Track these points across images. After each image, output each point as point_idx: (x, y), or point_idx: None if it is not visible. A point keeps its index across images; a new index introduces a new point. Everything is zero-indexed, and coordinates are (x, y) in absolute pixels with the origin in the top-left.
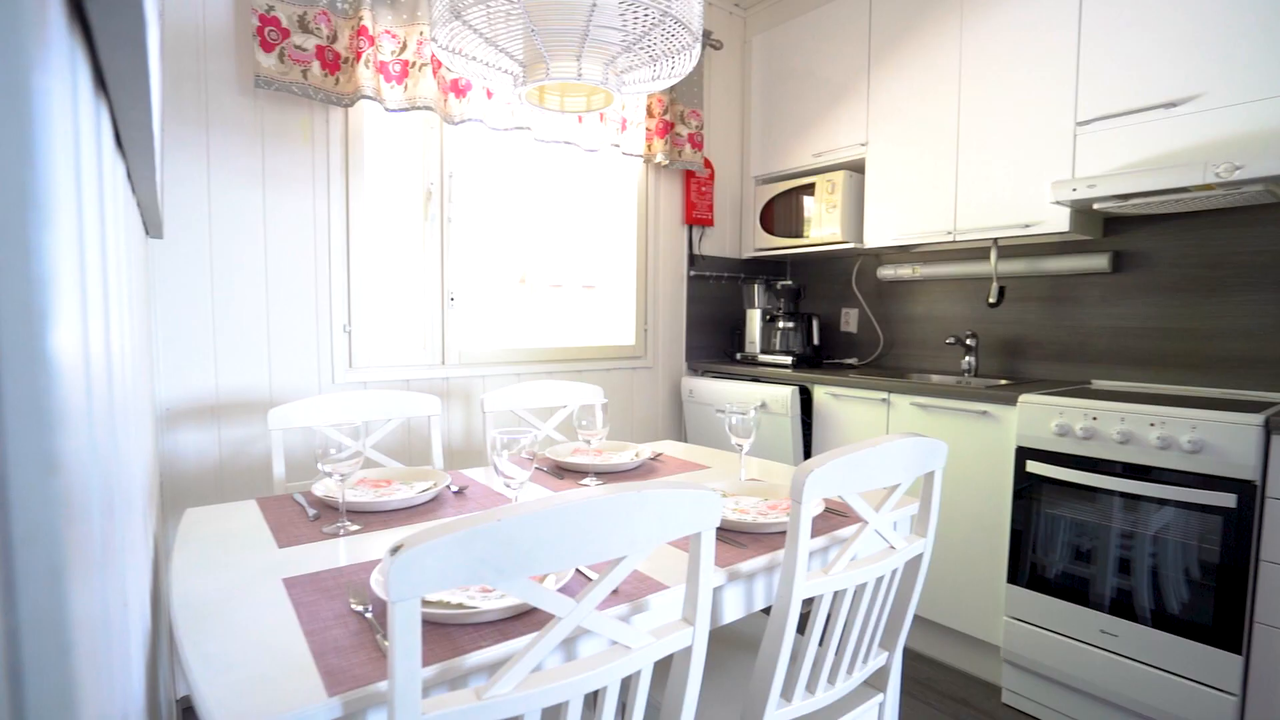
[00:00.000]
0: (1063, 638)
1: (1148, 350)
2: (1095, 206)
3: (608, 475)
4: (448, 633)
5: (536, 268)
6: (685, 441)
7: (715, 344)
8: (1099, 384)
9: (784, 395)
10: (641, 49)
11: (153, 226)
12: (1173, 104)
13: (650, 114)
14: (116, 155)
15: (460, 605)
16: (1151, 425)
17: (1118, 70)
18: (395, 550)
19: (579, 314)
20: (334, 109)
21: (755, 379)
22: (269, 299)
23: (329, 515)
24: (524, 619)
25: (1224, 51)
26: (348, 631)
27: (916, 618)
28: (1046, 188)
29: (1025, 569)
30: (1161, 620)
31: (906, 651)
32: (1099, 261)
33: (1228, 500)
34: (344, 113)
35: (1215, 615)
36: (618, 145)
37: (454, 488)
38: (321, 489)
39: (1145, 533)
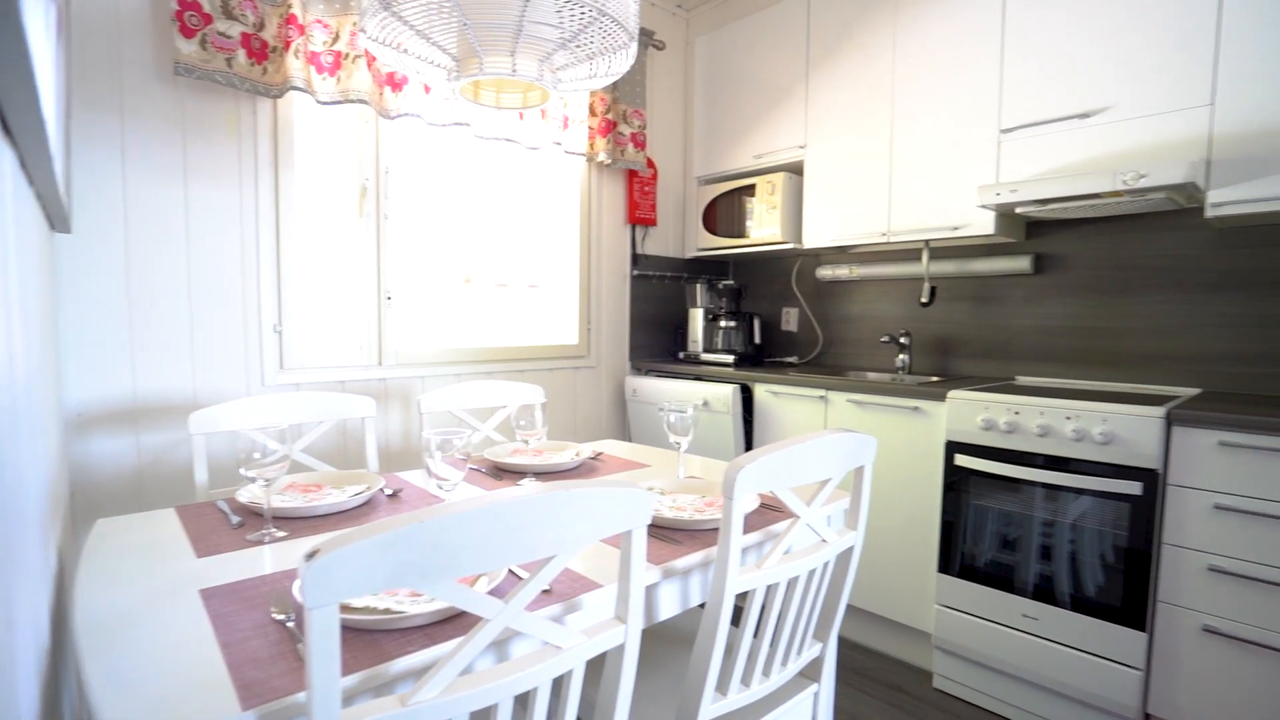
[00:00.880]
0: (989, 623)
1: (1067, 347)
2: (1017, 210)
3: (547, 475)
4: (374, 639)
5: (481, 267)
6: (629, 441)
7: (659, 343)
8: (1023, 380)
9: (725, 394)
10: (578, 46)
11: (58, 220)
12: (1086, 115)
13: (593, 113)
14: (2, 141)
15: (387, 610)
16: (1067, 419)
17: (1037, 81)
18: (311, 556)
19: (524, 314)
20: (262, 100)
21: (698, 378)
22: (192, 298)
23: (254, 522)
24: (454, 622)
25: (1130, 68)
26: (268, 642)
27: (853, 608)
28: (973, 192)
29: (954, 558)
30: (1076, 603)
31: (843, 641)
32: (1022, 263)
33: (1134, 488)
34: (273, 104)
35: (1123, 596)
36: (560, 143)
37: (388, 491)
38: (247, 495)
39: (1064, 521)
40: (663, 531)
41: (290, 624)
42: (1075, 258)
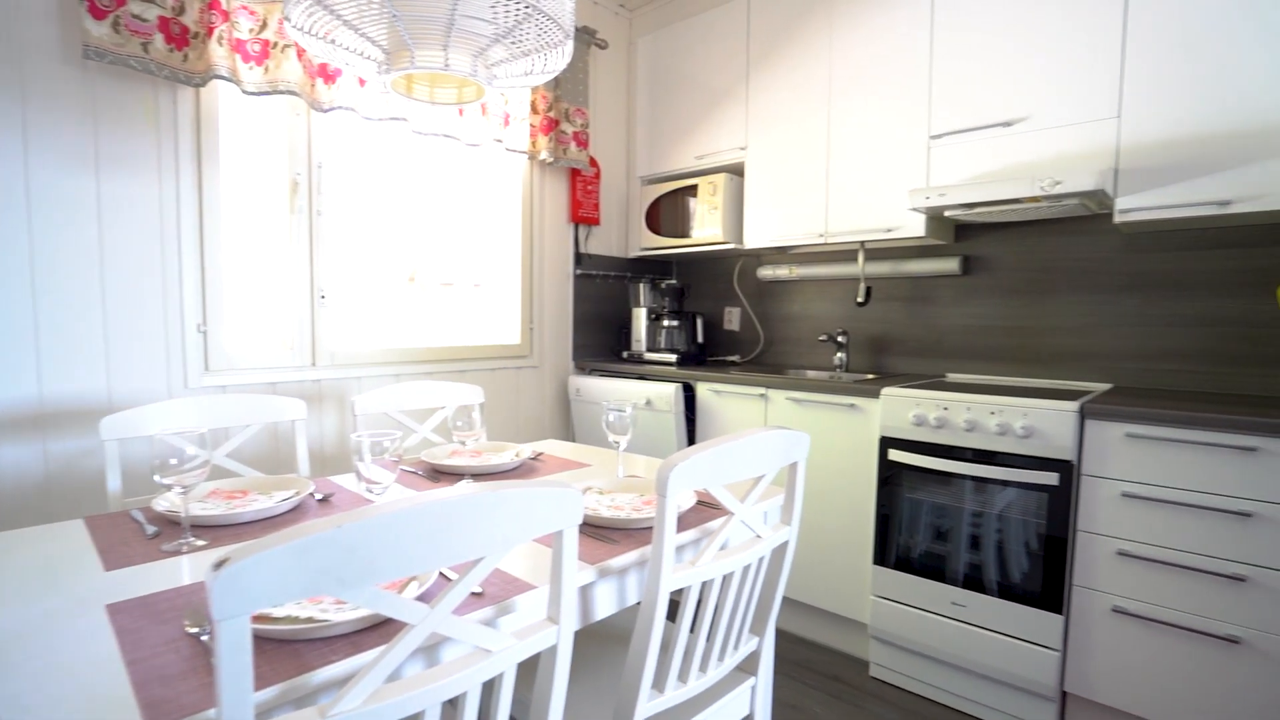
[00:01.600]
0: (921, 612)
1: (993, 345)
2: (946, 214)
3: (485, 477)
4: (295, 649)
5: (425, 266)
6: (573, 441)
7: (602, 342)
8: (954, 377)
9: (668, 393)
10: (513, 43)
11: None
12: (1008, 124)
13: (534, 110)
14: None
15: (310, 619)
16: (992, 414)
17: (963, 90)
18: (219, 565)
19: (468, 313)
20: (183, 89)
21: (641, 377)
22: (106, 296)
23: (172, 532)
24: (381, 629)
25: (1046, 80)
26: (179, 658)
27: (792, 602)
28: (905, 195)
29: (889, 550)
30: (1001, 590)
31: (783, 634)
32: (951, 265)
33: (1052, 479)
34: (195, 93)
35: (1043, 581)
36: (500, 140)
37: (319, 495)
38: (165, 504)
39: (991, 512)
40: (599, 531)
41: (205, 638)
42: (1000, 260)
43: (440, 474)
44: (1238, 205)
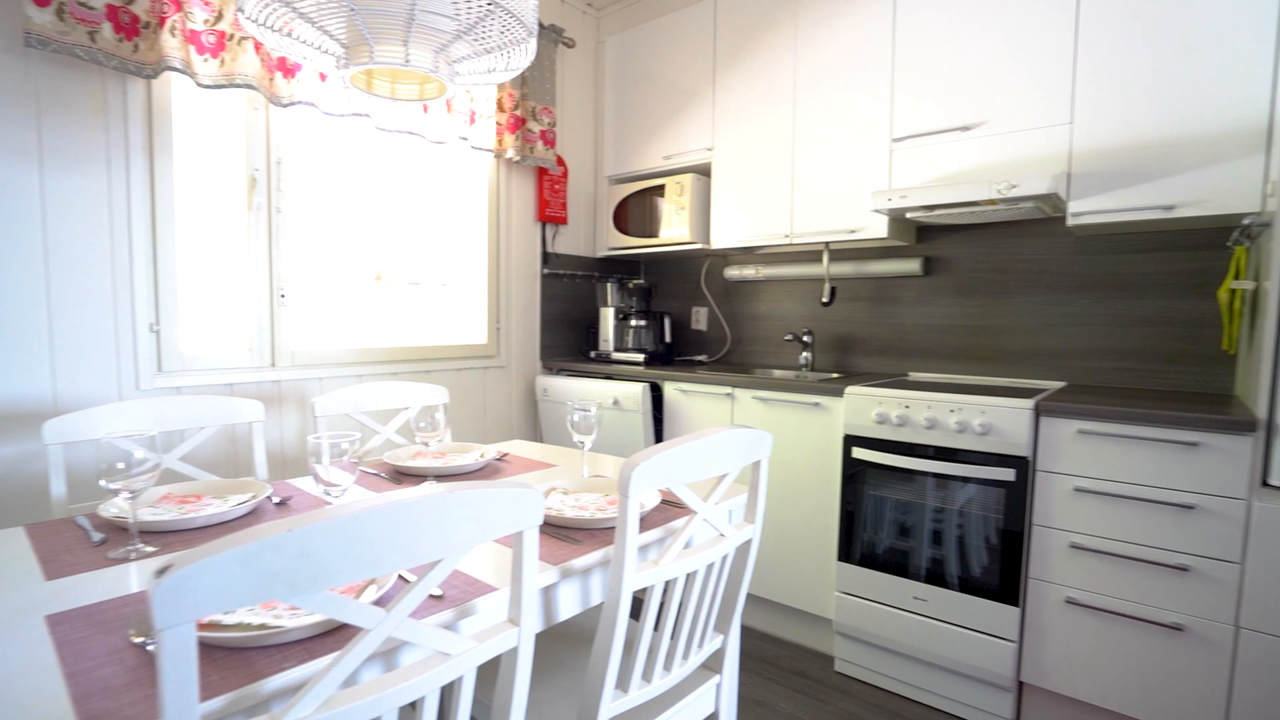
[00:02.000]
0: (884, 607)
1: (954, 345)
2: (908, 215)
3: (449, 478)
4: (247, 657)
5: (392, 265)
6: (541, 441)
7: (570, 342)
8: (916, 376)
9: (635, 392)
10: (475, 39)
11: None
12: (967, 128)
13: (501, 108)
14: None
15: (263, 626)
16: (951, 411)
17: (924, 94)
18: (162, 572)
19: (434, 312)
20: (134, 80)
21: (609, 377)
22: (51, 294)
23: (119, 538)
24: (337, 635)
25: (1003, 86)
26: (123, 669)
27: (759, 599)
28: (868, 196)
29: (853, 547)
30: (960, 583)
31: (750, 631)
32: (913, 265)
33: (1008, 475)
34: (146, 85)
35: (1000, 574)
36: (466, 138)
37: (276, 499)
38: (114, 509)
39: (952, 508)
40: (563, 531)
41: (151, 647)
42: (960, 261)
43: (403, 476)
44: (1181, 210)
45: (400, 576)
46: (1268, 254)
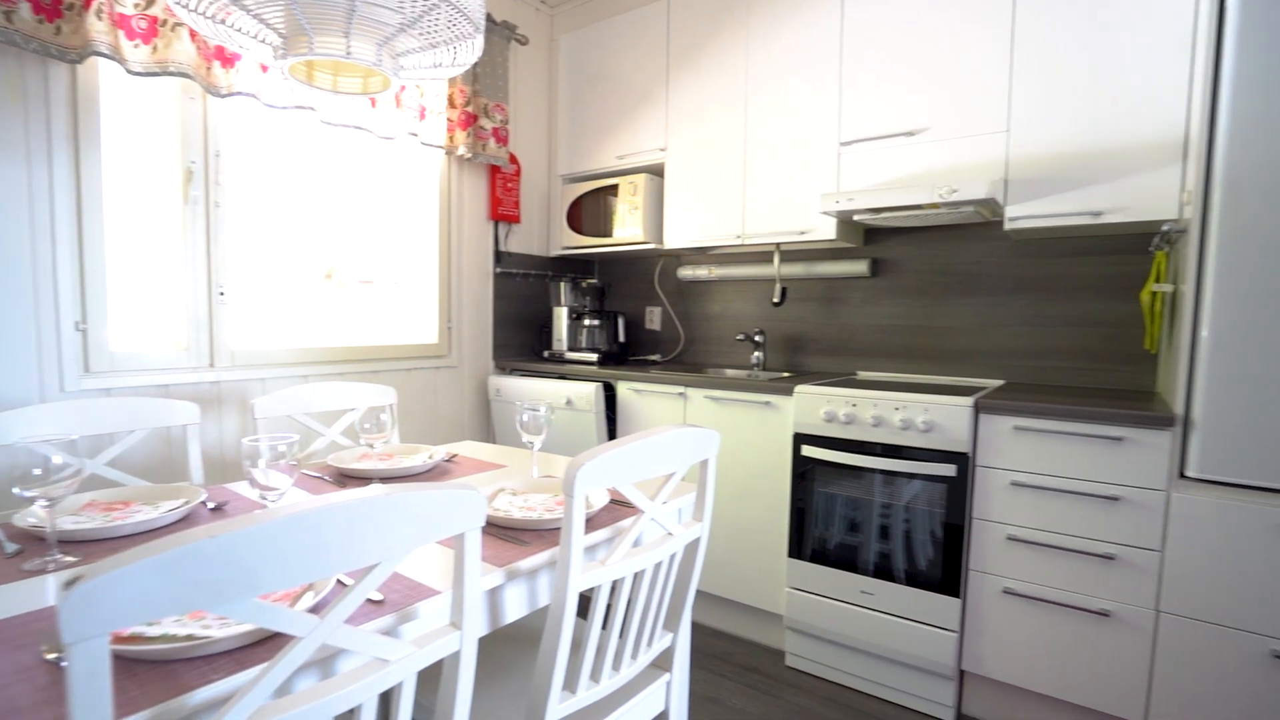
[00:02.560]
0: (834, 601)
1: (900, 344)
2: (855, 218)
3: (396, 480)
4: (172, 670)
5: (343, 263)
6: (494, 442)
7: (523, 342)
8: (864, 375)
9: (589, 392)
10: (420, 33)
11: None
12: (911, 134)
13: (452, 104)
14: None
15: (190, 636)
16: (896, 410)
17: (871, 99)
18: (70, 583)
19: (384, 312)
20: (57, 64)
21: (562, 376)
22: None
23: (36, 549)
24: (269, 644)
25: (945, 94)
26: (33, 688)
27: (711, 596)
28: (818, 199)
29: (802, 543)
30: (905, 576)
31: (702, 628)
32: (861, 267)
33: (950, 470)
34: (70, 70)
35: (942, 567)
36: (416, 134)
37: (211, 504)
38: (33, 518)
39: (897, 503)
40: (509, 532)
41: (65, 664)
42: (906, 263)
43: (348, 479)
44: (1108, 216)
45: (339, 581)
46: (1184, 259)
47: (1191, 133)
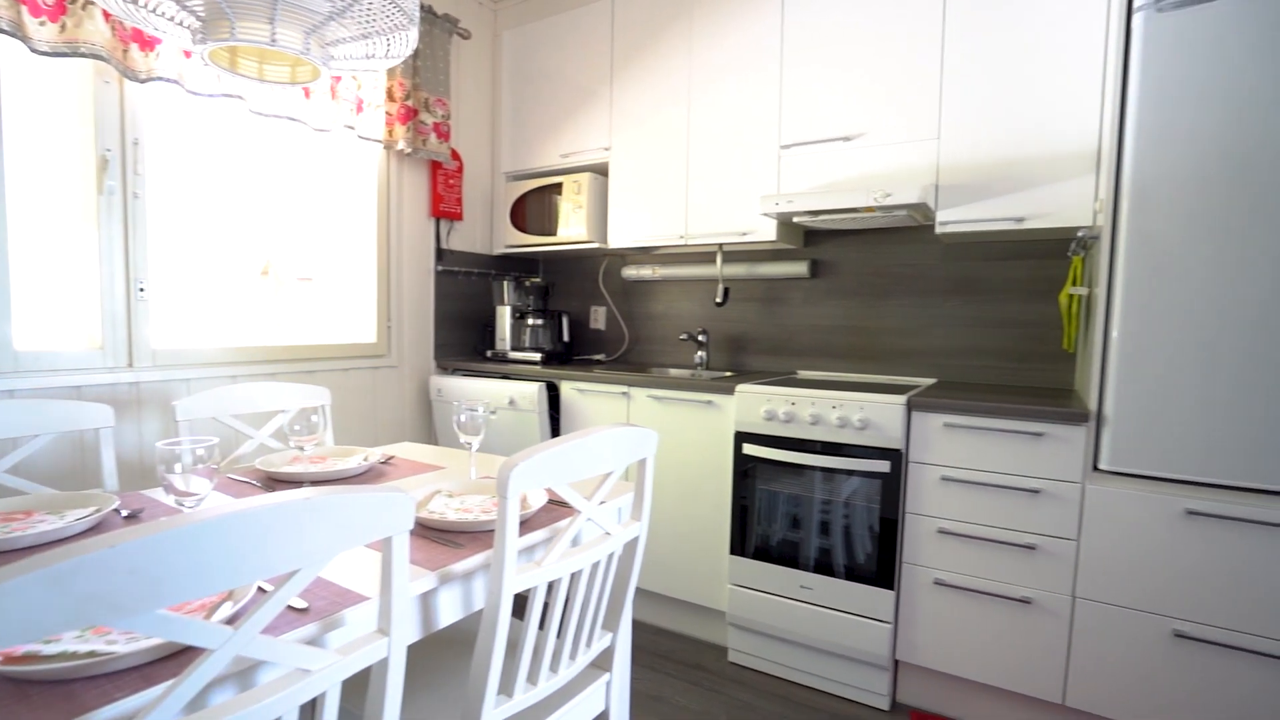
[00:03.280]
0: (774, 596)
1: (838, 344)
2: (795, 219)
3: (328, 483)
4: (70, 690)
5: (280, 259)
6: (435, 443)
7: (465, 341)
8: (804, 374)
9: (531, 392)
10: (352, 23)
11: None
12: (848, 138)
13: (391, 97)
14: None
15: (91, 653)
16: (834, 408)
17: (811, 104)
18: None
19: (324, 310)
20: None
21: (505, 376)
22: None
23: None
24: (180, 658)
25: (880, 100)
26: None
27: (655, 595)
28: (758, 200)
29: (744, 540)
30: (843, 571)
31: (646, 627)
32: (801, 268)
33: (884, 466)
34: None
35: (877, 560)
36: (353, 127)
37: (124, 512)
38: None
39: (836, 500)
40: (444, 535)
41: None
42: (844, 264)
43: (277, 483)
44: (1030, 222)
45: (260, 588)
46: (1097, 264)
47: (1103, 145)
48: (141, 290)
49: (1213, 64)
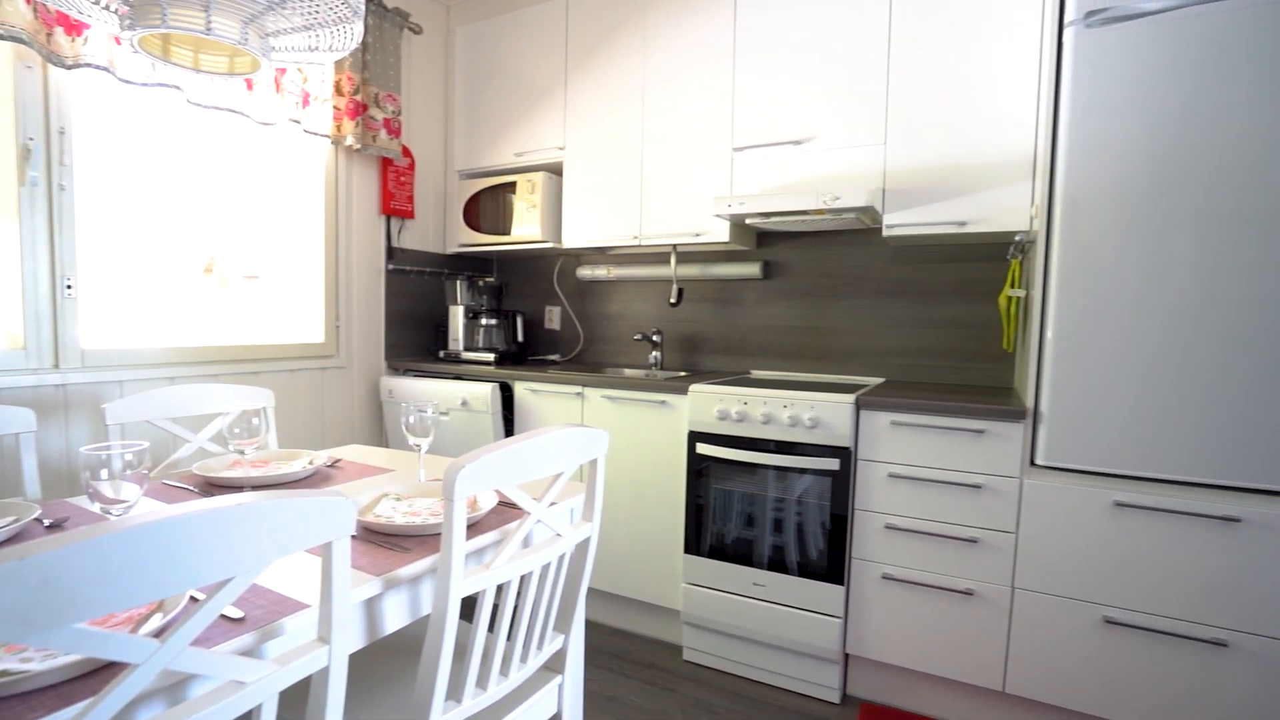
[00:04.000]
0: (728, 594)
1: (790, 344)
2: (747, 221)
3: (270, 488)
4: None
5: (225, 256)
6: (386, 445)
7: (418, 341)
8: (757, 374)
9: (485, 392)
10: (294, 13)
11: None
12: (799, 142)
13: (339, 91)
14: None
15: (4, 673)
16: (785, 407)
17: (762, 107)
18: None
19: (270, 309)
20: None
21: (458, 377)
22: None
23: None
24: (103, 674)
25: (830, 106)
26: None
27: (610, 595)
28: (711, 202)
29: (699, 539)
30: (794, 567)
31: (601, 627)
32: (753, 269)
33: (834, 464)
34: None
35: (828, 556)
36: (298, 121)
37: (46, 521)
38: None
39: (788, 498)
40: (390, 539)
41: None
42: (796, 266)
43: (215, 488)
44: (971, 226)
45: (192, 598)
46: (1033, 267)
47: (1038, 153)
48: (69, 288)
49: (1136, 79)
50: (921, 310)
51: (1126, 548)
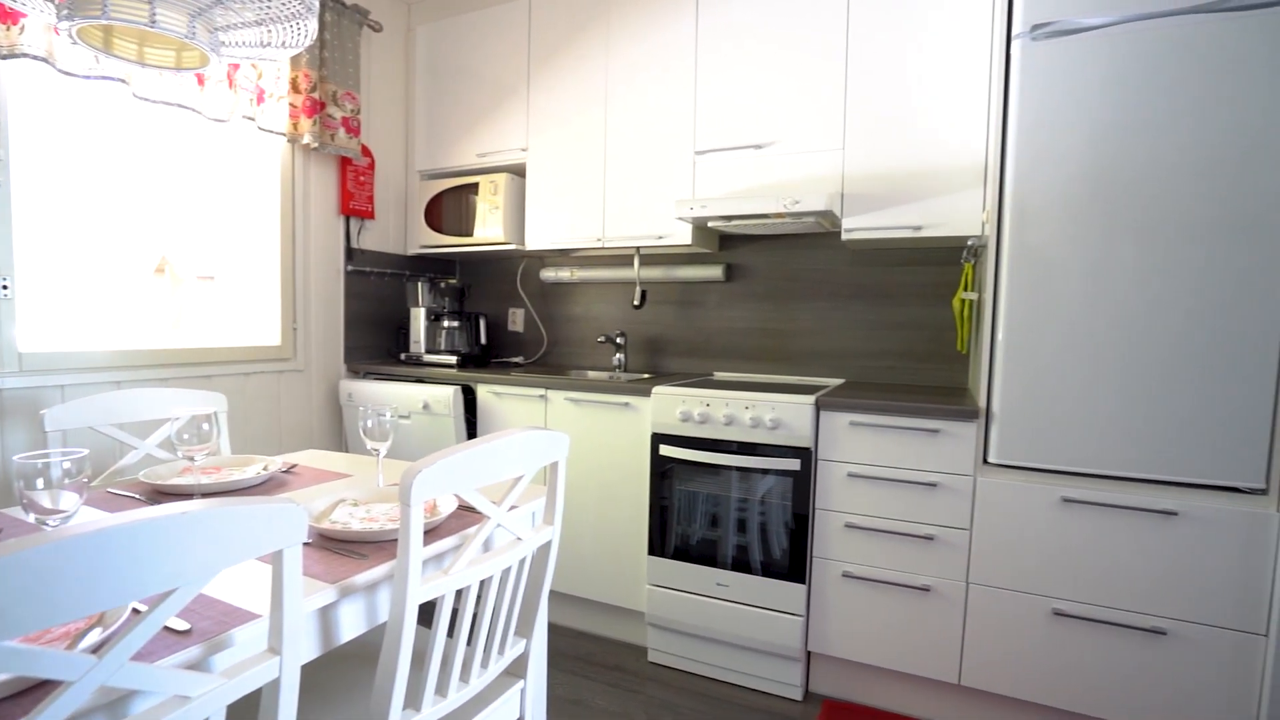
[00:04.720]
0: (691, 595)
1: (753, 346)
2: (709, 224)
3: (222, 495)
4: None
5: (177, 256)
6: (346, 450)
7: (378, 344)
8: (720, 375)
9: (446, 395)
10: (245, 8)
11: None
12: (760, 146)
13: (295, 89)
14: None
15: None
16: (746, 408)
17: (724, 111)
18: None
19: (225, 310)
20: None
21: (420, 379)
22: None
23: None
24: (37, 692)
25: (790, 109)
26: None
27: (574, 598)
28: (674, 205)
29: (662, 540)
30: (757, 567)
31: (565, 630)
32: (716, 271)
33: (795, 465)
34: None
35: (790, 556)
36: (252, 118)
37: None
38: None
39: (751, 499)
40: (346, 546)
41: None
42: (757, 268)
43: (163, 496)
44: (927, 230)
45: (134, 610)
46: (985, 271)
47: (989, 161)
48: (5, 287)
49: (1081, 90)
50: (880, 312)
51: (1074, 541)
